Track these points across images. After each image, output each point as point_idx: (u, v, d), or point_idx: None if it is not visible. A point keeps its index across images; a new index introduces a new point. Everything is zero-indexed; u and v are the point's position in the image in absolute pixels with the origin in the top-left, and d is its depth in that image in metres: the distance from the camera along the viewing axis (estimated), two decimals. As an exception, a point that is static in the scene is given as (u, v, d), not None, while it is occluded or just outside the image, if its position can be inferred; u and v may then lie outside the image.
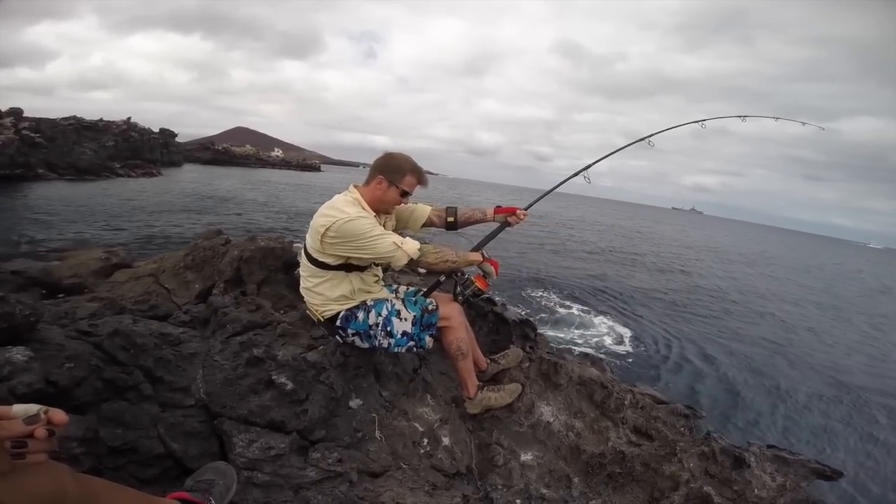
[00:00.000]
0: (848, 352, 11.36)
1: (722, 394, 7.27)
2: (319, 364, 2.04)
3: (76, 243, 6.33)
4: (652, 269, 19.80)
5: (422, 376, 2.53)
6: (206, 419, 1.77)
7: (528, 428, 2.40)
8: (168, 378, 1.80)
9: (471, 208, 2.40)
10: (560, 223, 36.35)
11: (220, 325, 2.29)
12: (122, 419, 1.57)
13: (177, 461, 1.61)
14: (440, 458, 2.09)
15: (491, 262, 2.20)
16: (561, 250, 20.87)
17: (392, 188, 2.01)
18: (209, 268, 3.15)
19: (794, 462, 2.08)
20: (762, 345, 10.42)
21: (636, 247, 28.39)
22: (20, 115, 22.01)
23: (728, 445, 2.13)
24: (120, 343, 1.76)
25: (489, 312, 3.29)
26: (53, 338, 1.63)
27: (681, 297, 14.43)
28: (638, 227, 52.86)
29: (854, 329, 14.56)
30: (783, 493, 1.94)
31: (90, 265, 3.52)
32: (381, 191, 2.01)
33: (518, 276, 13.50)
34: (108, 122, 30.09)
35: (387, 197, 2.02)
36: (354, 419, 2.04)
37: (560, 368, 2.58)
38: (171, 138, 38.29)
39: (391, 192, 2.02)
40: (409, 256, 1.95)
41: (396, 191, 2.02)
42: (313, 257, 1.98)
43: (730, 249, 41.12)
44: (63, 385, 1.47)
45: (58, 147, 22.61)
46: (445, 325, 2.17)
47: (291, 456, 1.74)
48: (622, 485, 2.15)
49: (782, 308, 15.79)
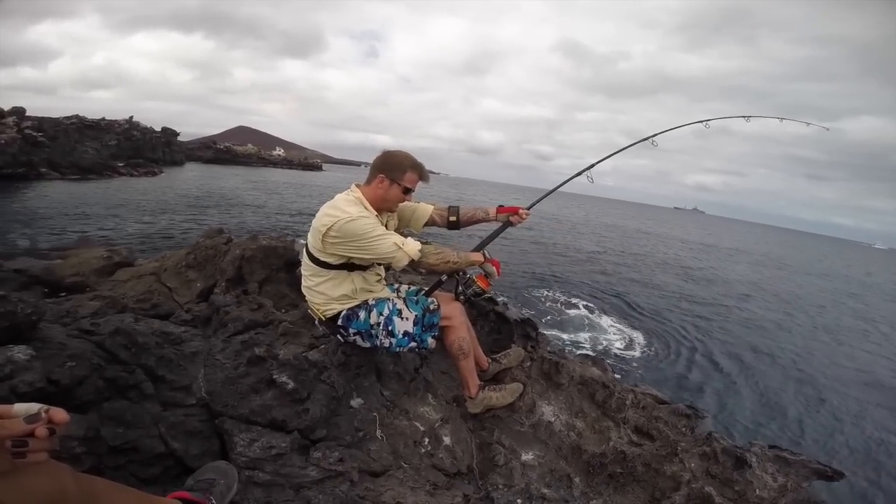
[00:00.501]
0: (852, 353, 11.35)
1: (724, 394, 7.26)
2: (321, 363, 2.04)
3: (78, 242, 6.35)
4: (660, 270, 19.79)
5: (423, 375, 2.53)
6: (208, 418, 1.77)
7: (529, 427, 2.40)
8: (169, 377, 1.81)
9: (473, 208, 2.40)
10: (565, 223, 36.31)
11: (222, 324, 2.29)
12: (123, 418, 1.57)
13: (178, 460, 1.61)
14: (441, 457, 2.09)
15: (493, 262, 2.19)
16: (566, 251, 20.84)
17: (394, 186, 2.00)
18: (211, 267, 3.15)
19: (795, 462, 2.08)
20: (764, 346, 10.40)
21: (643, 247, 28.35)
22: (23, 115, 22.06)
23: (729, 446, 2.12)
24: (121, 342, 1.76)
25: (490, 312, 3.28)
26: (55, 336, 1.63)
27: (685, 297, 14.42)
28: (645, 227, 52.77)
29: (859, 329, 14.53)
30: (784, 494, 1.93)
31: (92, 264, 3.53)
32: (384, 189, 2.00)
33: (524, 276, 13.51)
34: (110, 122, 30.14)
35: (389, 195, 2.02)
36: (355, 418, 2.04)
37: (561, 368, 2.58)
38: (174, 137, 38.34)
39: (394, 190, 2.01)
40: (410, 257, 1.95)
41: (399, 188, 2.01)
42: (315, 257, 1.98)
43: (739, 249, 40.95)
44: (64, 384, 1.47)
45: (60, 146, 22.65)
46: (447, 325, 2.17)
47: (292, 455, 1.74)
48: (623, 485, 2.15)
49: (796, 311, 15.75)
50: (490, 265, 2.18)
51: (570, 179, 2.62)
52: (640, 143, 2.76)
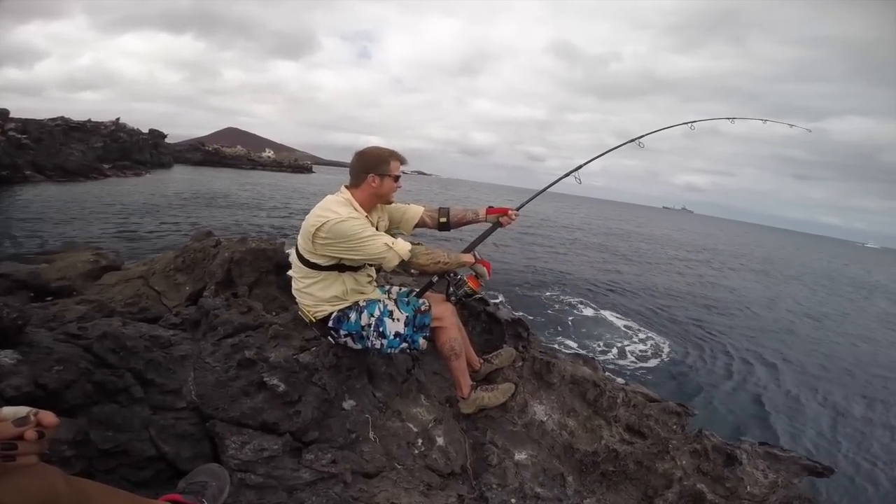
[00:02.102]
0: (844, 348, 11.51)
1: (713, 391, 7.34)
2: (312, 365, 2.03)
3: (64, 245, 6.25)
4: (650, 269, 19.93)
5: (415, 377, 2.53)
6: (198, 421, 1.76)
7: (521, 427, 2.41)
8: (159, 380, 1.79)
9: (463, 209, 2.41)
10: (564, 226, 36.25)
11: (212, 328, 2.27)
12: (112, 422, 1.55)
13: (169, 463, 1.60)
14: (434, 458, 2.09)
15: (483, 262, 2.21)
16: (568, 253, 20.91)
17: (385, 179, 2.03)
18: (200, 270, 3.12)
19: (785, 459, 2.11)
20: (753, 342, 10.52)
21: (635, 247, 28.48)
22: (6, 116, 21.70)
23: (720, 443, 2.15)
24: (110, 346, 1.74)
25: (482, 312, 3.29)
26: (42, 341, 1.61)
27: (679, 296, 14.55)
28: (637, 228, 52.96)
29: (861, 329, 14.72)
30: (775, 490, 1.96)
31: (79, 268, 3.48)
32: (377, 186, 2.02)
33: (523, 279, 13.49)
34: (96, 123, 29.73)
35: (383, 189, 2.05)
36: (348, 420, 2.04)
37: (553, 367, 2.59)
38: (161, 139, 37.89)
39: (386, 183, 2.04)
40: (401, 257, 1.96)
41: (389, 179, 2.05)
42: (305, 258, 1.98)
43: (731, 250, 41.19)
44: (52, 388, 1.45)
45: (45, 148, 22.29)
46: (438, 326, 2.18)
47: (285, 457, 1.74)
48: (616, 483, 2.16)
49: (793, 309, 15.92)
50: (481, 266, 2.20)
51: (558, 180, 2.64)
52: (627, 144, 2.79)
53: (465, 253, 2.24)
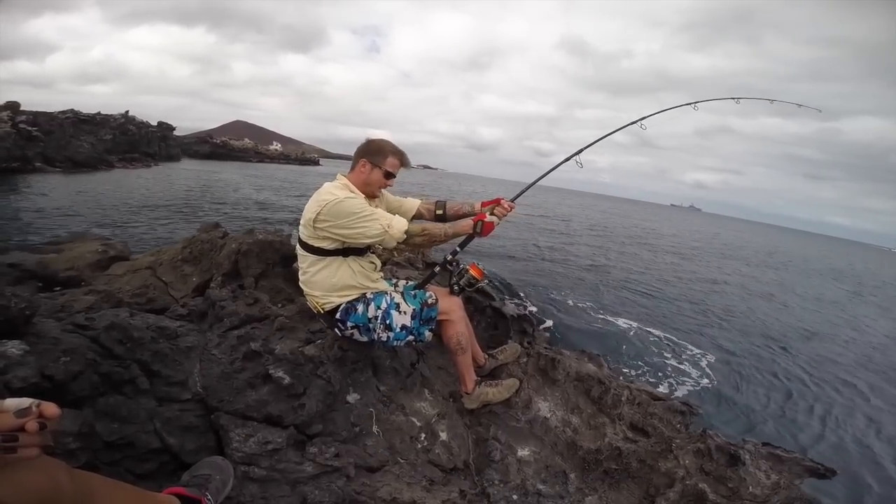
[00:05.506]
0: (850, 350, 11.40)
1: (720, 390, 7.30)
2: (317, 358, 2.04)
3: (73, 236, 6.29)
4: (670, 266, 19.80)
5: (420, 371, 2.53)
6: (203, 413, 1.77)
7: (525, 423, 2.41)
8: (165, 372, 1.80)
9: (459, 202, 2.43)
10: (559, 220, 36.01)
11: (218, 319, 2.28)
12: (118, 413, 1.56)
13: (173, 456, 1.61)
14: (437, 452, 2.10)
15: (481, 217, 2.17)
16: (566, 253, 20.82)
17: (376, 170, 2.06)
18: (207, 261, 3.14)
19: (788, 460, 2.09)
20: (766, 343, 10.45)
21: (647, 243, 28.16)
22: (17, 109, 21.82)
23: (723, 443, 2.13)
24: (116, 337, 1.75)
25: (487, 307, 3.29)
26: (49, 331, 1.62)
27: (685, 295, 14.45)
28: (651, 225, 52.41)
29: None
30: (777, 491, 1.95)
31: (87, 258, 3.51)
32: (366, 173, 2.06)
33: (535, 268, 13.38)
34: (105, 116, 29.86)
35: (371, 179, 2.07)
36: (352, 414, 2.04)
37: (557, 364, 2.59)
38: (170, 132, 37.99)
39: (375, 174, 2.06)
40: (400, 231, 1.96)
41: (380, 171, 2.07)
42: (308, 244, 2.00)
43: (759, 251, 40.37)
44: (59, 379, 1.46)
45: (55, 140, 22.45)
46: (446, 319, 2.19)
47: (289, 450, 1.74)
48: (618, 481, 2.16)
49: (801, 308, 15.75)
50: (482, 222, 2.15)
51: (558, 165, 2.62)
52: (629, 127, 2.80)
53: (463, 222, 2.21)
